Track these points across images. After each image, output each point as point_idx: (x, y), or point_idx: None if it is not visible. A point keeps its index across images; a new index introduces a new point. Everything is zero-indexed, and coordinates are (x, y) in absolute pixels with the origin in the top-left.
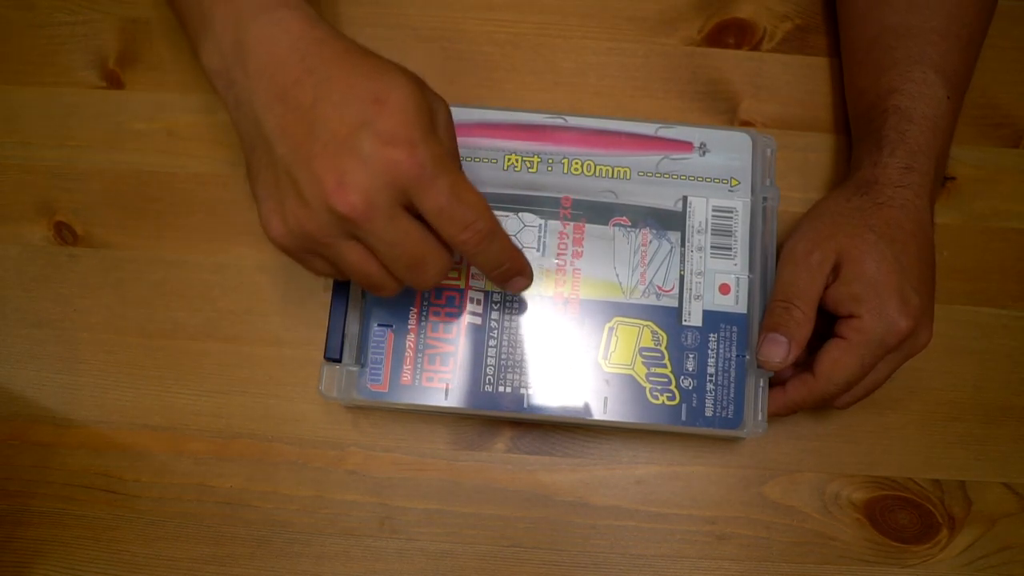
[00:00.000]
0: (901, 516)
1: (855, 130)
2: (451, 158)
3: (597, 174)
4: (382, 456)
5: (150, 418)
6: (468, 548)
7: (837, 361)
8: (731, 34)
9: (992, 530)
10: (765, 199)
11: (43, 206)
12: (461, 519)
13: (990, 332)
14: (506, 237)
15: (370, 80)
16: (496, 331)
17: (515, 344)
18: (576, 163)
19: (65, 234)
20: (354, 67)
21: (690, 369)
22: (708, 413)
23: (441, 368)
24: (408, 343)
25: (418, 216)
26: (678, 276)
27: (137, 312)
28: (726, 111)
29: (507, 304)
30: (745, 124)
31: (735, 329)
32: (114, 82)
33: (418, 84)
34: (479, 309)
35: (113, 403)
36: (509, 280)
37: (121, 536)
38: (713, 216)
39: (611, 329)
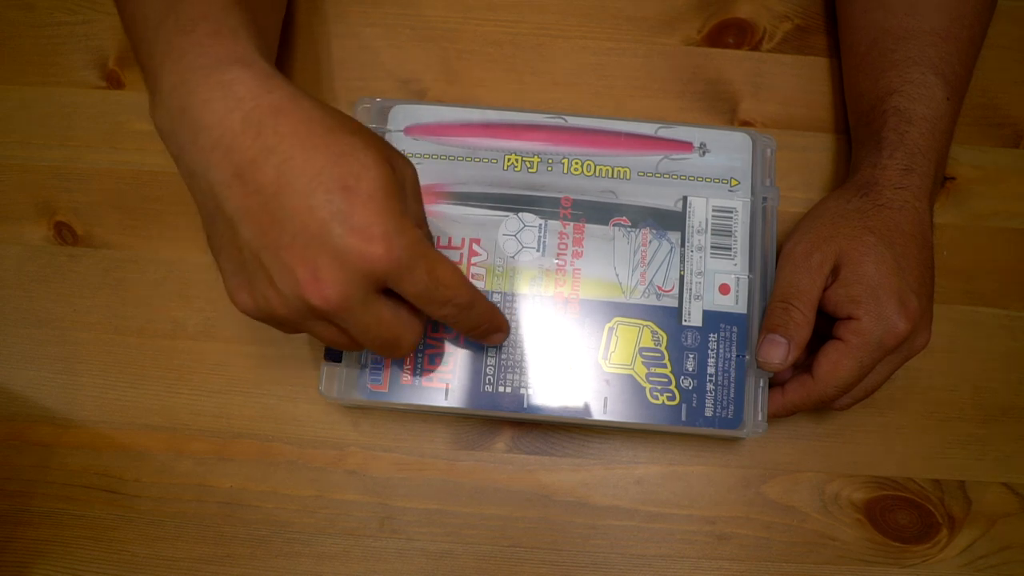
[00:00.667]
0: (901, 516)
1: (855, 132)
2: (424, 239)
3: (597, 174)
4: (382, 456)
5: (150, 418)
6: (468, 548)
7: (836, 363)
8: (731, 34)
9: (992, 530)
10: (765, 199)
11: (43, 206)
12: (461, 519)
13: (990, 332)
14: (483, 300)
15: (336, 164)
16: None
17: (515, 344)
18: (576, 163)
19: (65, 234)
20: (315, 147)
21: (690, 369)
22: (708, 413)
23: (441, 368)
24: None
25: (390, 291)
26: (678, 276)
27: (137, 312)
28: (726, 111)
29: (507, 304)
30: (745, 124)
31: (735, 329)
32: (114, 82)
33: (384, 159)
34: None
35: (113, 403)
36: (487, 337)
37: (121, 536)
38: (713, 216)
39: (611, 329)
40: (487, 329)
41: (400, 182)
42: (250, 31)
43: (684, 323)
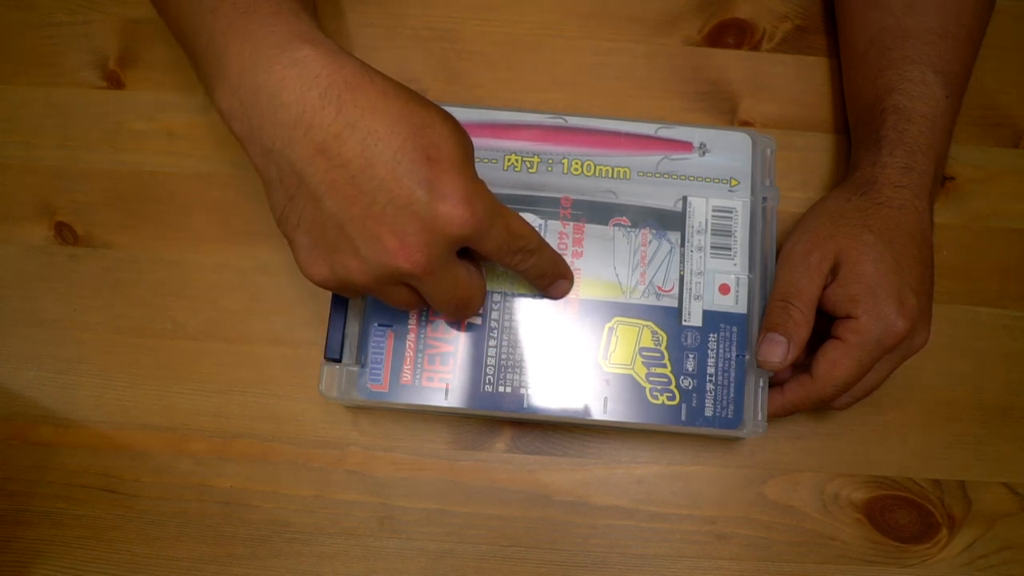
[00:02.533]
0: (901, 516)
1: (854, 131)
2: (495, 198)
3: (597, 174)
4: (382, 456)
5: (150, 418)
6: (468, 548)
7: (835, 363)
8: (731, 34)
9: (992, 530)
10: (765, 199)
11: (44, 206)
12: (461, 519)
13: (989, 332)
14: (549, 247)
15: (418, 135)
16: (496, 331)
17: (515, 344)
18: (576, 163)
19: (65, 234)
20: (396, 120)
21: (690, 369)
22: (708, 413)
23: (441, 368)
24: (408, 343)
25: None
26: (678, 276)
27: (137, 312)
28: (726, 111)
29: (507, 304)
30: (745, 124)
31: (735, 329)
32: (114, 82)
33: (457, 128)
34: (479, 309)
35: (113, 403)
36: (554, 286)
37: (121, 536)
38: (713, 216)
39: (611, 329)
40: (554, 274)
41: (470, 151)
42: (308, 10)
43: (684, 323)
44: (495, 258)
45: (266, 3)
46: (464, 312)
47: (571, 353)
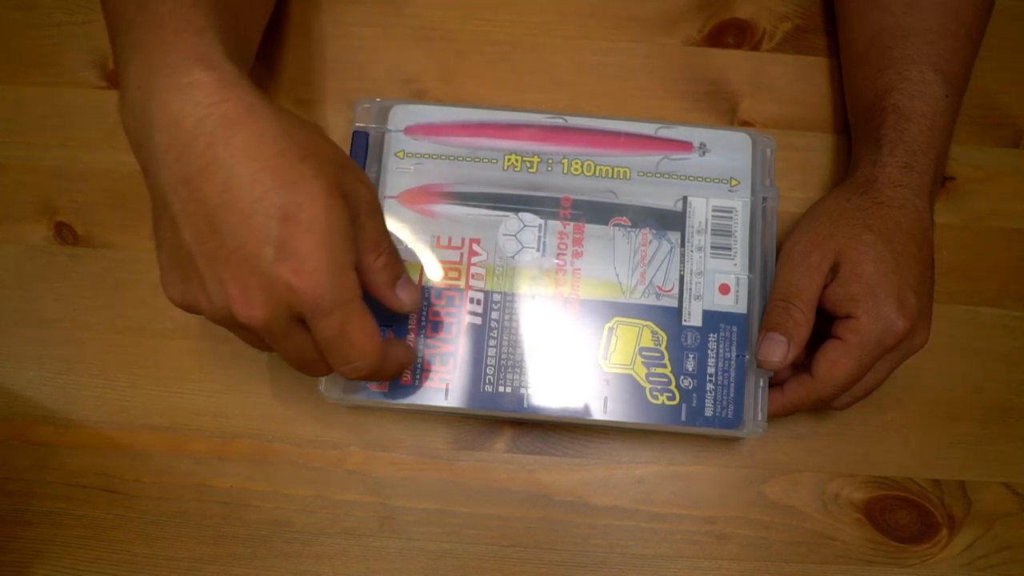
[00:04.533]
0: (901, 516)
1: (854, 130)
2: (355, 288)
3: (597, 174)
4: (382, 456)
5: (150, 418)
6: (468, 548)
7: (835, 362)
8: (731, 34)
9: (992, 530)
10: (765, 199)
11: (43, 206)
12: (461, 519)
13: (989, 332)
14: (387, 370)
15: (280, 190)
16: (496, 331)
17: (515, 344)
18: (576, 163)
19: (65, 234)
20: (263, 169)
21: (690, 369)
22: (708, 413)
23: (441, 368)
24: (408, 343)
25: None
26: (678, 276)
27: (137, 312)
28: (726, 111)
29: (507, 304)
30: (745, 124)
31: (735, 329)
32: (114, 82)
33: (333, 188)
34: (479, 309)
35: (113, 403)
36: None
37: (121, 536)
38: (713, 216)
39: (611, 329)
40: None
41: (352, 211)
42: (219, 32)
43: (684, 323)
44: (323, 349)
45: (172, 19)
46: (311, 371)
47: (571, 353)
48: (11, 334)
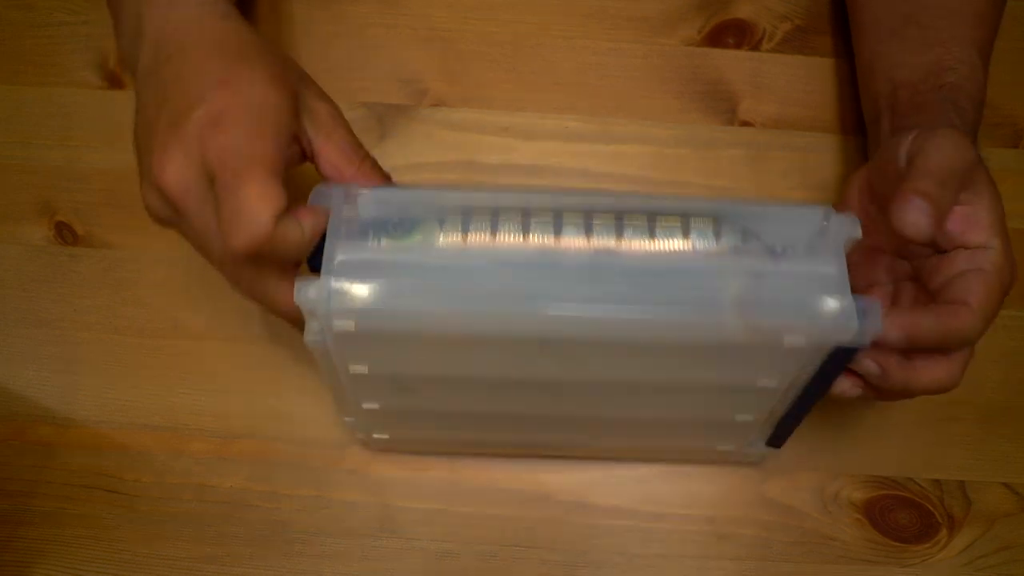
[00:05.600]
0: (901, 516)
1: (882, 108)
2: (275, 164)
3: None
4: (382, 456)
5: (150, 418)
6: (468, 548)
7: (990, 290)
8: (731, 34)
9: (992, 530)
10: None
11: (43, 206)
12: (461, 519)
13: (990, 332)
14: (288, 246)
15: (227, 62)
16: None
17: None
18: None
19: (65, 234)
20: (220, 50)
21: None
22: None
23: None
24: (323, 208)
25: None
26: None
27: (137, 312)
28: (726, 111)
29: None
30: (745, 124)
31: None
32: (114, 82)
33: (281, 77)
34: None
35: (113, 403)
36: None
37: (121, 536)
38: None
39: None
40: (259, 301)
41: (287, 101)
42: None
43: None
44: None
45: None
46: (210, 256)
47: None
48: (11, 334)
